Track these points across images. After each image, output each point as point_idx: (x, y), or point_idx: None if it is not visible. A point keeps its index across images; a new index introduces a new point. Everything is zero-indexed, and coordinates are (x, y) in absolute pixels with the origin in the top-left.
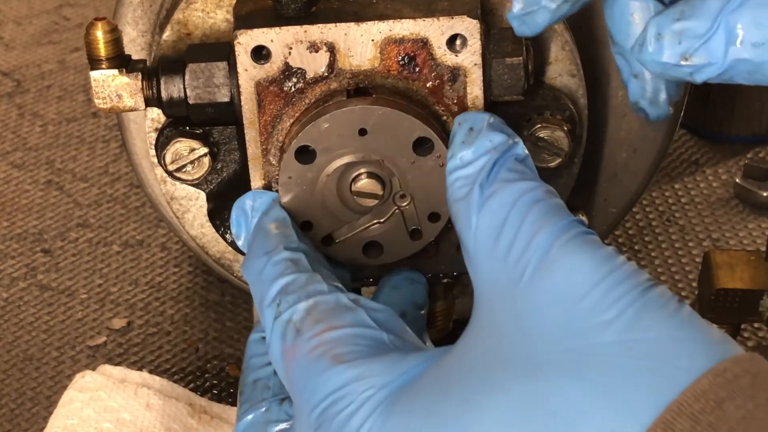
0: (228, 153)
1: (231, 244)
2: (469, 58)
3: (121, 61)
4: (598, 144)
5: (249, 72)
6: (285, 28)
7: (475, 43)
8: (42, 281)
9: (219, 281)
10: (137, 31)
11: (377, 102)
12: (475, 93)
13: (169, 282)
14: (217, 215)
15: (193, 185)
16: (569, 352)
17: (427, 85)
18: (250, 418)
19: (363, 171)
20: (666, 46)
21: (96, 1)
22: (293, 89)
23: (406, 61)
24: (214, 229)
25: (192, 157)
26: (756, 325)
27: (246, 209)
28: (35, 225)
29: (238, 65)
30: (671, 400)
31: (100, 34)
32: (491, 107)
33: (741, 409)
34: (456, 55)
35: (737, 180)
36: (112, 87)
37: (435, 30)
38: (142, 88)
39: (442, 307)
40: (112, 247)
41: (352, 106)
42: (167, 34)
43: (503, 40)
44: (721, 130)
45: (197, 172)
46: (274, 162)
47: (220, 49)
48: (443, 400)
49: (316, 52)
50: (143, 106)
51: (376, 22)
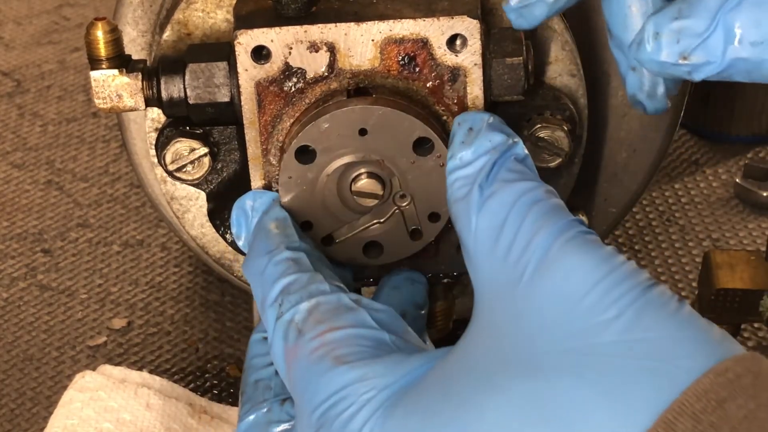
0: (228, 153)
1: (231, 244)
2: (469, 58)
3: (121, 61)
4: (598, 144)
5: (249, 72)
6: (285, 28)
7: (475, 43)
8: (42, 281)
9: (219, 281)
10: (137, 31)
11: (377, 102)
12: (475, 93)
13: (169, 282)
14: (217, 215)
15: (193, 185)
16: (569, 352)
17: (427, 85)
18: (251, 418)
19: (363, 171)
20: (664, 45)
21: (96, 1)
22: (293, 89)
23: (406, 61)
24: (214, 229)
25: (192, 157)
26: (756, 325)
27: (246, 209)
28: (35, 225)
29: (239, 65)
30: (672, 400)
31: (100, 34)
32: (491, 107)
33: (743, 408)
34: (456, 55)
35: (737, 180)
36: (113, 87)
37: (435, 30)
38: (143, 88)
39: (442, 307)
40: (112, 247)
41: (352, 106)
42: (167, 34)
43: (503, 40)
44: (721, 130)
45: (197, 172)
46: (274, 162)
47: (221, 49)
48: (443, 400)
49: (316, 52)
50: (143, 106)
51: (376, 22)
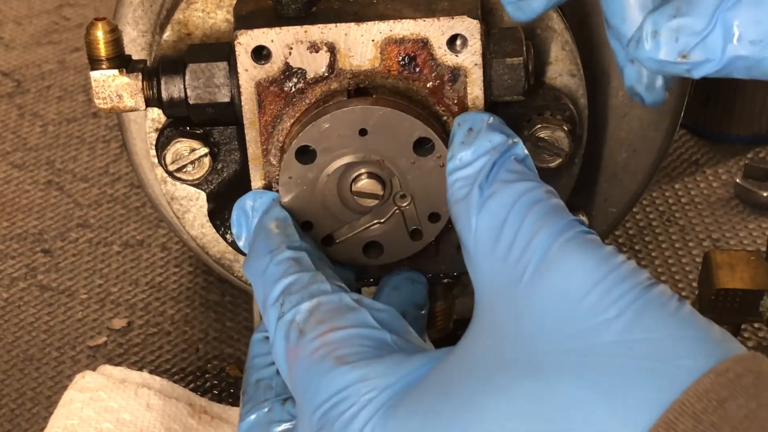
0: (228, 153)
1: (231, 244)
2: (470, 58)
3: (121, 61)
4: (598, 144)
5: (249, 72)
6: (285, 29)
7: (475, 43)
8: (42, 281)
9: (219, 281)
10: (137, 31)
11: (378, 102)
12: (475, 93)
13: (169, 282)
14: (217, 215)
15: (193, 185)
16: (569, 352)
17: (428, 85)
18: (252, 418)
19: (363, 171)
20: (663, 44)
21: (96, 1)
22: (293, 89)
23: (407, 62)
24: (214, 230)
25: (192, 157)
26: (756, 325)
27: (246, 209)
28: (35, 225)
29: (239, 65)
30: (673, 400)
31: (100, 34)
32: (491, 107)
33: (743, 408)
34: (456, 55)
35: (737, 180)
36: (113, 87)
37: (435, 30)
38: (143, 88)
39: (442, 307)
40: (113, 248)
41: (352, 106)
42: (167, 34)
43: (503, 40)
44: (721, 130)
45: (197, 173)
46: (274, 162)
47: (221, 50)
48: (444, 401)
49: (317, 52)
50: (143, 107)
51: (377, 22)
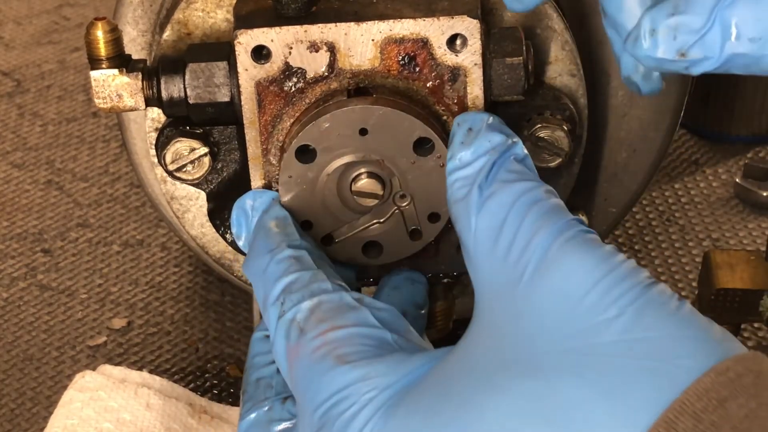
0: (228, 153)
1: (231, 243)
2: (470, 58)
3: (121, 60)
4: (598, 144)
5: (249, 72)
6: (285, 28)
7: (475, 43)
8: (42, 281)
9: (219, 281)
10: (137, 30)
11: (378, 102)
12: (475, 93)
13: (169, 282)
14: (217, 215)
15: (193, 185)
16: (569, 352)
17: (428, 84)
18: (252, 416)
19: (363, 171)
20: (661, 42)
21: (96, 1)
22: (293, 89)
23: (407, 61)
24: (214, 229)
25: (192, 156)
26: (756, 325)
27: (246, 209)
28: (35, 225)
29: (239, 65)
30: (673, 399)
31: (100, 34)
32: (491, 107)
33: (744, 407)
34: (456, 55)
35: (737, 180)
36: (113, 87)
37: (435, 30)
38: (143, 88)
39: (442, 307)
40: (112, 247)
41: (352, 106)
42: (167, 34)
43: (503, 40)
44: (721, 130)
45: (197, 172)
46: (274, 162)
47: (221, 49)
48: (444, 400)
49: (317, 51)
50: (143, 106)
51: (377, 21)
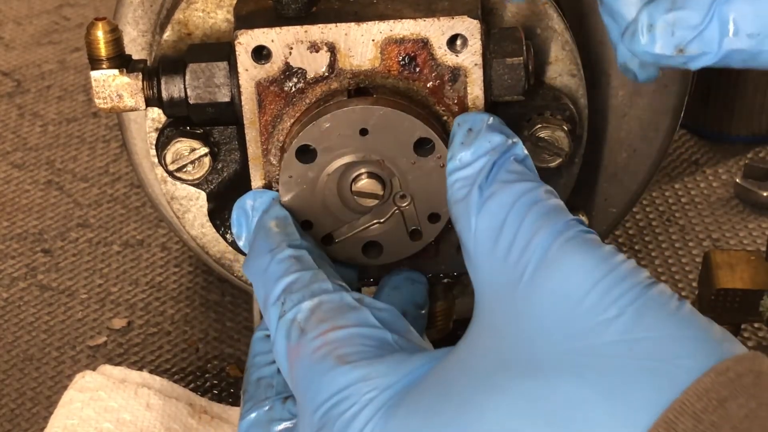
0: (228, 153)
1: (231, 244)
2: (470, 58)
3: (121, 61)
4: (598, 144)
5: (249, 72)
6: (285, 28)
7: (475, 43)
8: (42, 281)
9: (219, 281)
10: (138, 30)
11: (378, 102)
12: (475, 93)
13: (169, 282)
14: (217, 215)
15: (193, 185)
16: (569, 352)
17: (428, 85)
18: (253, 416)
19: (363, 171)
20: (658, 37)
21: (96, 1)
22: (294, 89)
23: (407, 61)
24: (214, 229)
25: (192, 157)
26: (756, 325)
27: (247, 209)
28: (35, 225)
29: (239, 65)
30: (673, 400)
31: (100, 34)
32: (492, 107)
33: (744, 407)
34: (456, 55)
35: (737, 180)
36: (113, 87)
37: (435, 30)
38: (143, 88)
39: (442, 307)
40: (113, 247)
41: (353, 106)
42: (168, 34)
43: (503, 40)
44: (721, 130)
45: (198, 172)
46: (274, 162)
47: (221, 49)
48: (444, 400)
49: (317, 52)
50: (144, 106)
51: (377, 22)
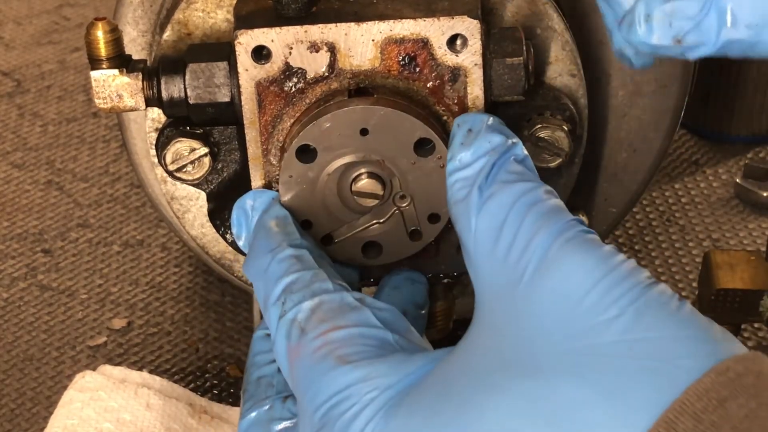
0: (228, 153)
1: (231, 244)
2: (470, 58)
3: (121, 61)
4: (598, 144)
5: (249, 72)
6: (285, 28)
7: (475, 43)
8: (42, 281)
9: (219, 281)
10: (137, 30)
11: (379, 102)
12: (475, 93)
13: (169, 282)
14: (217, 215)
15: (193, 185)
16: (569, 352)
17: (428, 85)
18: (253, 415)
19: (363, 171)
20: (656, 28)
21: (96, 1)
22: (294, 89)
23: (407, 61)
24: (214, 229)
25: (192, 157)
26: (756, 325)
27: (246, 209)
28: (35, 225)
29: (239, 65)
30: (673, 400)
31: (100, 34)
32: (492, 107)
33: (744, 407)
34: (456, 55)
35: (737, 180)
36: (113, 87)
37: (435, 30)
38: (143, 88)
39: (442, 307)
40: (113, 247)
41: (353, 106)
42: (168, 34)
43: (503, 40)
44: (721, 130)
45: (198, 172)
46: (274, 162)
47: (221, 49)
48: (444, 401)
49: (317, 52)
50: (144, 106)
51: (377, 22)
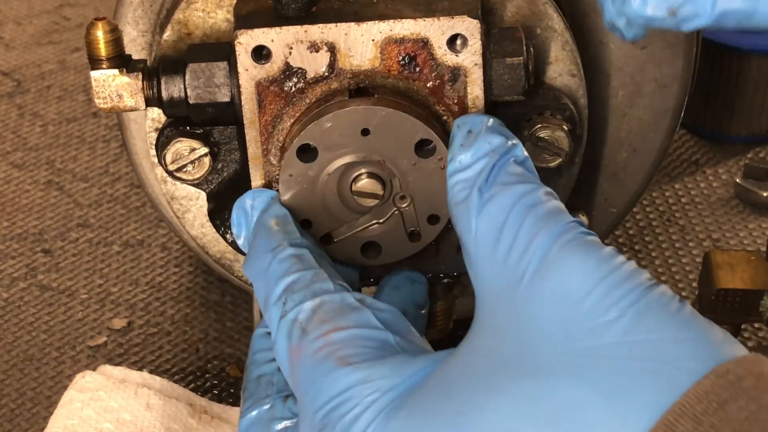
0: (228, 153)
1: (231, 244)
2: (470, 58)
3: (121, 60)
4: (598, 144)
5: (249, 72)
6: (285, 28)
7: (475, 43)
8: (42, 281)
9: (219, 281)
10: (137, 30)
11: (380, 102)
12: (475, 93)
13: (169, 282)
14: (217, 215)
15: (193, 185)
16: (570, 353)
17: (428, 85)
18: (254, 414)
19: (364, 171)
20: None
21: (96, 1)
22: (294, 89)
23: (407, 61)
24: (214, 229)
25: (192, 156)
26: (756, 325)
27: (246, 208)
28: (35, 225)
29: (239, 65)
30: (673, 402)
31: (100, 34)
32: (492, 107)
33: (744, 410)
34: (456, 55)
35: (737, 180)
36: (113, 87)
37: (435, 30)
38: (143, 88)
39: (442, 307)
40: (113, 247)
41: (355, 106)
42: (168, 34)
43: (503, 40)
44: (721, 130)
45: (198, 172)
46: (274, 162)
47: (221, 49)
48: (445, 401)
49: (317, 51)
50: (144, 106)
51: (377, 22)
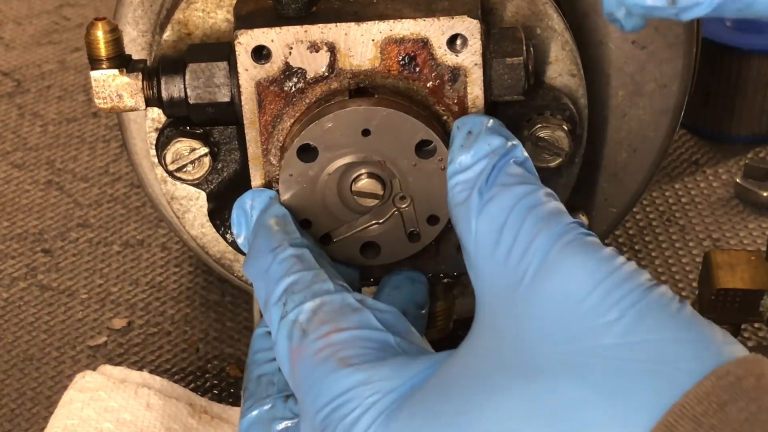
0: (228, 153)
1: (231, 243)
2: (470, 58)
3: (121, 60)
4: (598, 144)
5: (249, 72)
6: (285, 28)
7: (475, 43)
8: (42, 281)
9: (219, 281)
10: (137, 30)
11: (380, 103)
12: (475, 93)
13: (169, 282)
14: (217, 215)
15: (193, 185)
16: (570, 354)
17: (428, 85)
18: (254, 414)
19: (364, 171)
20: None
21: (96, 1)
22: (294, 89)
23: (407, 61)
24: (214, 229)
25: (192, 156)
26: (756, 325)
27: (246, 208)
28: (35, 225)
29: (239, 65)
30: (673, 403)
31: (100, 34)
32: (491, 107)
33: (744, 411)
34: (456, 55)
35: (737, 180)
36: (113, 87)
37: (435, 30)
38: (143, 88)
39: (442, 307)
40: (113, 247)
41: (355, 106)
42: (167, 34)
43: (503, 40)
44: (721, 130)
45: (198, 172)
46: (274, 162)
47: (221, 49)
48: (444, 401)
49: (317, 52)
50: (144, 106)
51: (377, 22)
